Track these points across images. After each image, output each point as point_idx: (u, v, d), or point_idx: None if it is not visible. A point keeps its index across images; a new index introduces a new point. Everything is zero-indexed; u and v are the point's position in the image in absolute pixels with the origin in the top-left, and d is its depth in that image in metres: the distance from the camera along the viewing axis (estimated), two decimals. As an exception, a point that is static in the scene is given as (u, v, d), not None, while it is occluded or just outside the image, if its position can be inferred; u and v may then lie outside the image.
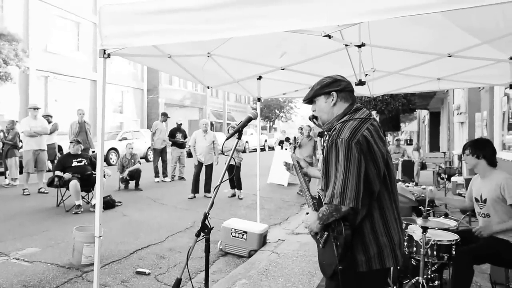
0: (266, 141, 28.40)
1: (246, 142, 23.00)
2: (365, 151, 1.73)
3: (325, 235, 1.86)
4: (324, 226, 1.83)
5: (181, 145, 10.92)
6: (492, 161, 3.11)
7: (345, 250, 1.75)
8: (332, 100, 1.92)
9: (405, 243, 3.16)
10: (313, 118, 2.05)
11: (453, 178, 8.64)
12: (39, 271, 4.02)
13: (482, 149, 3.13)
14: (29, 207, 7.01)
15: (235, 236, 4.76)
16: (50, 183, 7.01)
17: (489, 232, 3.00)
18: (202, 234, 2.27)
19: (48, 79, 19.99)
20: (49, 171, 9.61)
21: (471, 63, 3.87)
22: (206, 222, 2.27)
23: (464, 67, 4.13)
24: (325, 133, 6.70)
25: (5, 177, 9.61)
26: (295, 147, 2.55)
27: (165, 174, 10.82)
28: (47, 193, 8.22)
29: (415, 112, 25.76)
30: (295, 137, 2.60)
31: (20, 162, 9.12)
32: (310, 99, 2.00)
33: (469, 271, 2.87)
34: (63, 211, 6.73)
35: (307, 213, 2.03)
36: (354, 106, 1.91)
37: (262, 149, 26.18)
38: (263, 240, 4.88)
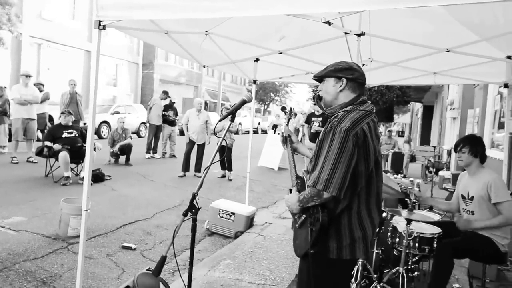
0: (259, 124, 28.32)
1: (239, 123, 22.92)
2: (360, 144, 1.74)
3: (303, 218, 1.89)
4: (303, 209, 1.86)
5: (172, 123, 10.88)
6: (484, 159, 3.13)
7: (319, 236, 1.79)
8: (341, 86, 1.90)
9: (389, 234, 3.23)
10: (318, 98, 2.03)
11: (440, 172, 8.77)
12: (24, 240, 4.02)
13: (480, 147, 3.11)
14: (17, 176, 6.96)
15: (222, 217, 4.80)
16: (39, 153, 6.95)
17: (468, 227, 3.04)
18: (189, 213, 2.28)
19: (41, 46, 19.55)
20: (38, 140, 9.51)
21: (468, 59, 3.88)
22: (194, 202, 2.28)
23: (461, 63, 4.14)
24: (313, 118, 6.65)
25: (-6, 144, 9.49)
26: (289, 119, 2.44)
27: (155, 151, 10.81)
28: (35, 162, 8.15)
29: (409, 105, 25.89)
30: (291, 108, 2.49)
31: (10, 130, 8.99)
32: (320, 78, 1.98)
33: (449, 264, 2.93)
34: (51, 181, 6.71)
35: (290, 190, 2.04)
36: (360, 98, 1.90)
37: (255, 132, 26.14)
38: (250, 222, 4.94)
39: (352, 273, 2.92)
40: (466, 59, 3.89)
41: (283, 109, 2.52)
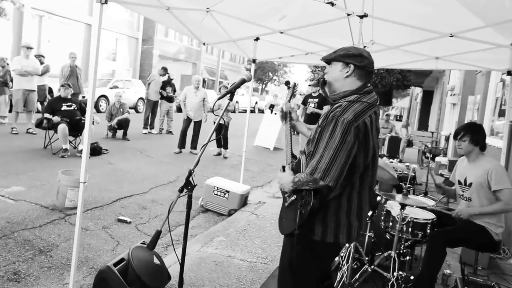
0: (256, 103, 28.11)
1: (236, 102, 22.80)
2: (360, 137, 1.75)
3: (293, 198, 1.92)
4: (295, 190, 1.88)
5: (170, 99, 10.83)
6: (484, 146, 3.11)
7: (307, 218, 1.82)
8: (347, 72, 1.87)
9: (382, 217, 3.28)
10: (323, 83, 1.99)
11: (437, 158, 8.81)
12: (23, 210, 4.08)
13: (480, 135, 3.09)
14: (17, 146, 6.98)
15: (217, 194, 4.85)
16: (39, 125, 6.97)
17: (468, 215, 3.04)
18: (185, 190, 2.30)
19: (43, 18, 19.22)
20: (38, 112, 9.48)
21: (472, 45, 3.83)
22: (190, 179, 2.30)
23: (464, 49, 4.09)
24: (310, 99, 6.57)
25: (-6, 115, 9.47)
26: (291, 95, 2.34)
27: (152, 126, 10.81)
28: (35, 134, 8.17)
29: (408, 89, 25.74)
30: (295, 83, 2.41)
31: (10, 101, 8.97)
32: (328, 61, 1.96)
33: (442, 253, 2.94)
34: (49, 153, 6.73)
35: (283, 167, 2.06)
36: (365, 88, 1.88)
37: (252, 111, 26.06)
38: (244, 200, 5.00)
39: (339, 255, 3.00)
40: (469, 45, 3.84)
41: (287, 83, 2.42)
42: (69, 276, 2.70)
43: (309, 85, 8.62)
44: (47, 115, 6.88)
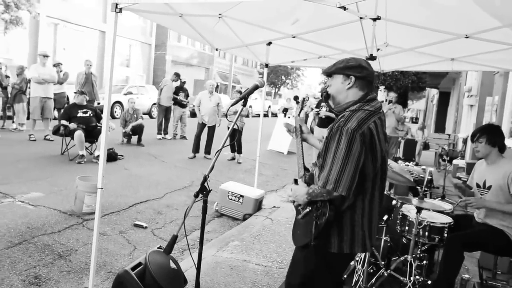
0: (269, 107, 28.14)
1: (250, 106, 22.83)
2: (367, 143, 1.76)
3: (307, 210, 1.91)
4: (309, 202, 1.88)
5: (183, 105, 10.93)
6: (503, 148, 3.03)
7: (323, 229, 1.82)
8: (349, 84, 1.90)
9: (398, 221, 3.23)
10: (326, 96, 2.02)
11: (454, 161, 8.64)
12: (42, 215, 4.17)
13: (498, 136, 3.02)
14: (35, 153, 7.14)
15: (231, 199, 4.87)
16: (56, 131, 7.13)
17: (482, 205, 2.97)
18: (200, 195, 2.33)
19: (58, 26, 19.69)
20: (55, 119, 9.70)
21: (488, 45, 3.75)
22: (205, 184, 2.32)
23: (480, 49, 4.02)
24: (322, 103, 6.53)
25: (13, 122, 9.72)
26: (301, 110, 2.40)
27: (165, 132, 10.92)
28: (52, 140, 8.34)
29: (424, 91, 25.40)
30: (304, 98, 2.47)
31: (28, 108, 9.20)
32: (329, 74, 1.98)
33: (459, 257, 2.88)
34: (66, 159, 6.86)
35: (296, 180, 2.06)
36: (368, 96, 1.90)
37: (265, 115, 26.06)
38: (258, 205, 5.00)
39: (355, 259, 2.97)
40: (485, 45, 3.77)
41: (296, 98, 2.47)
42: (88, 280, 2.75)
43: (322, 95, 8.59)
44: (63, 122, 7.02)
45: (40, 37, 18.62)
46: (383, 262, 3.08)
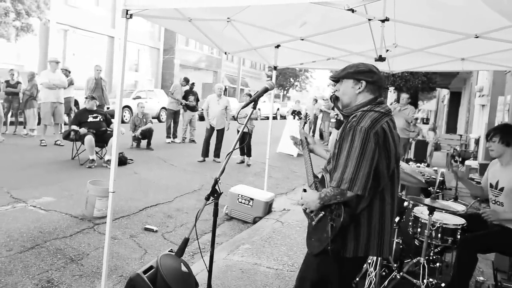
0: (278, 109, 28.09)
1: (259, 109, 22.87)
2: (381, 143, 1.75)
3: (321, 214, 1.89)
4: (322, 206, 1.86)
5: (193, 108, 10.98)
6: None
7: (339, 232, 1.80)
8: (359, 88, 1.91)
9: (410, 223, 3.20)
10: (335, 99, 2.04)
11: (467, 162, 8.52)
12: (54, 220, 4.21)
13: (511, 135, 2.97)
14: (46, 158, 7.24)
15: (241, 202, 4.87)
16: (66, 136, 7.21)
17: (497, 218, 2.91)
18: (211, 198, 2.33)
19: (67, 33, 19.99)
20: (65, 124, 9.82)
21: (499, 45, 3.71)
22: (216, 187, 2.33)
23: (490, 49, 3.98)
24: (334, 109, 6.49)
25: (24, 127, 9.87)
26: (304, 123, 2.55)
27: (175, 136, 10.98)
28: (62, 145, 8.45)
29: (435, 91, 25.14)
30: (306, 114, 2.59)
31: (38, 114, 9.34)
32: (338, 79, 1.99)
33: (473, 259, 2.83)
34: (77, 164, 6.94)
35: (304, 190, 2.06)
36: (377, 100, 1.91)
37: (274, 118, 26.00)
38: (268, 208, 4.99)
39: (367, 262, 2.95)
40: (496, 45, 3.72)
41: (299, 114, 2.59)
42: (100, 284, 2.77)
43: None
44: (74, 127, 7.10)
45: (50, 43, 18.91)
46: (395, 265, 3.05)
